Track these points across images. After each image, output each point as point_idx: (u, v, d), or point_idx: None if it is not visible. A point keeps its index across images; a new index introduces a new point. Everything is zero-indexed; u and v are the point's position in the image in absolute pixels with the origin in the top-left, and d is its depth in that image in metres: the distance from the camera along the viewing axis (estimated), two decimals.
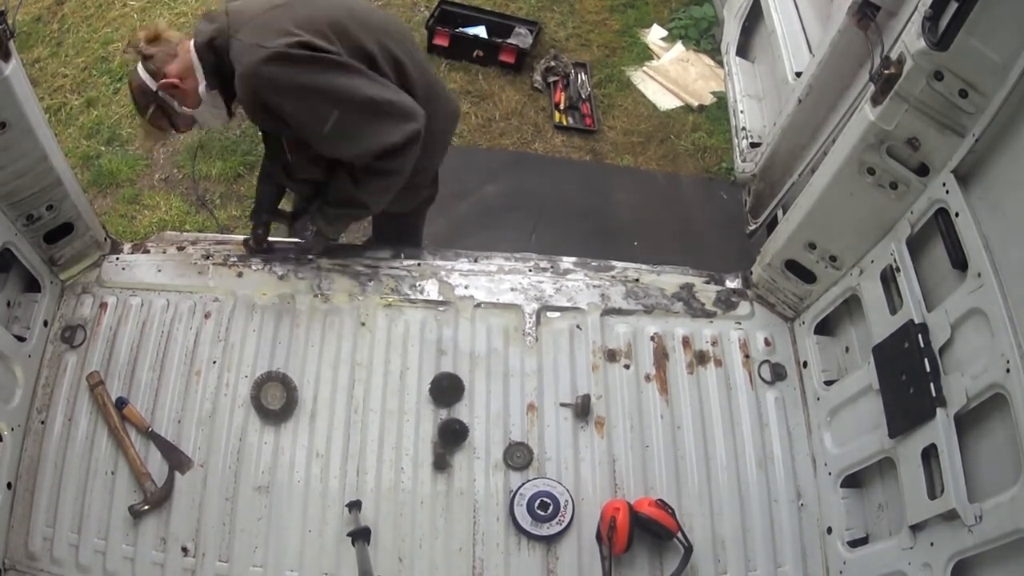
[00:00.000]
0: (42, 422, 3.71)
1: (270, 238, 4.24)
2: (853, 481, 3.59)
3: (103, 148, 6.44)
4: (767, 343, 4.04)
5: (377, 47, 3.59)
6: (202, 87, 3.58)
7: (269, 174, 4.16)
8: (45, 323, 3.86)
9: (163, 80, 3.54)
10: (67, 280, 4.03)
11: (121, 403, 3.71)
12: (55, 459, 3.64)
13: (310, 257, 4.16)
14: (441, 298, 4.09)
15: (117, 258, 4.13)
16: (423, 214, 4.58)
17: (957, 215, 2.99)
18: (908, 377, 3.13)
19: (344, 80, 3.44)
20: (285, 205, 4.42)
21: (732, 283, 4.24)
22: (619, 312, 4.11)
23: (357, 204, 3.85)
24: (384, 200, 3.86)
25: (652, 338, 4.04)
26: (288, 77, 3.37)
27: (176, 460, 3.64)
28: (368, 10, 3.87)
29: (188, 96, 3.61)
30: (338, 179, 3.81)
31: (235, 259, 4.13)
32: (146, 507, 3.54)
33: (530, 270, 4.23)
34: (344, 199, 3.84)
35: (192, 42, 3.56)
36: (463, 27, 7.45)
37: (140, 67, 3.59)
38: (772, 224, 4.38)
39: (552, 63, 7.29)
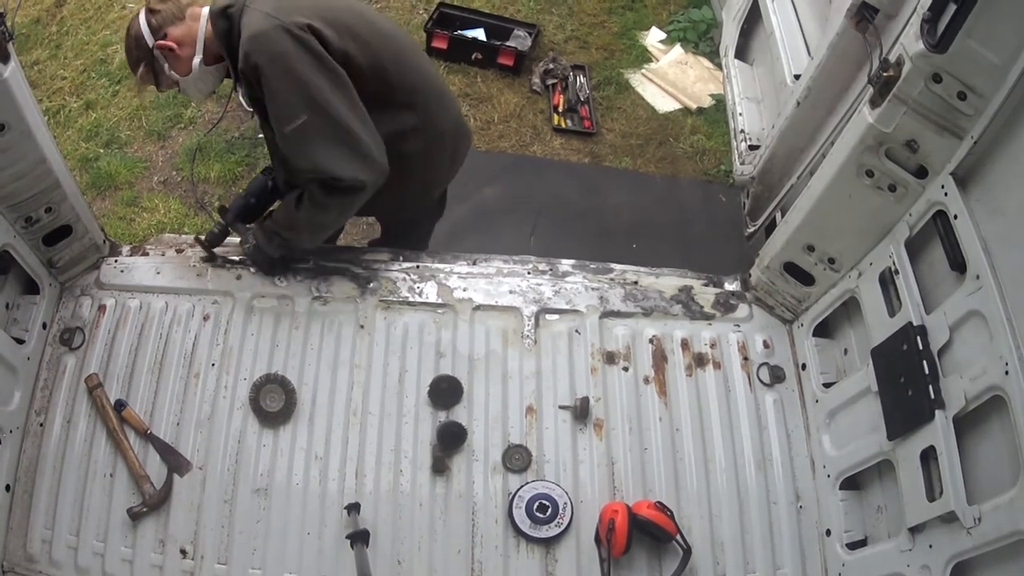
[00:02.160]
0: (41, 424, 3.70)
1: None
2: (852, 483, 3.58)
3: (102, 150, 6.44)
4: (766, 345, 4.04)
5: (387, 59, 3.64)
6: (197, 59, 3.64)
7: (266, 180, 4.13)
8: (44, 325, 3.86)
9: (160, 41, 3.59)
10: (66, 282, 4.02)
11: (120, 405, 3.71)
12: (54, 461, 3.63)
13: (309, 259, 4.15)
14: (440, 300, 4.09)
15: (116, 260, 4.13)
16: (431, 229, 4.60)
17: (956, 217, 2.99)
18: (907, 379, 3.13)
19: (330, 91, 3.45)
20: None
21: (731, 285, 4.24)
22: (618, 314, 4.11)
23: (293, 228, 3.83)
24: (317, 237, 3.94)
25: (651, 340, 4.04)
26: (285, 52, 3.38)
27: (175, 462, 3.63)
28: (380, 20, 3.89)
29: (181, 63, 3.66)
30: (286, 200, 3.84)
31: (235, 261, 4.13)
32: (145, 509, 3.53)
33: (529, 273, 4.23)
34: (283, 218, 3.86)
35: (205, 13, 3.60)
36: (462, 30, 7.46)
37: (142, 16, 3.61)
38: (771, 226, 4.39)
39: (551, 65, 7.30)
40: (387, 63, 3.65)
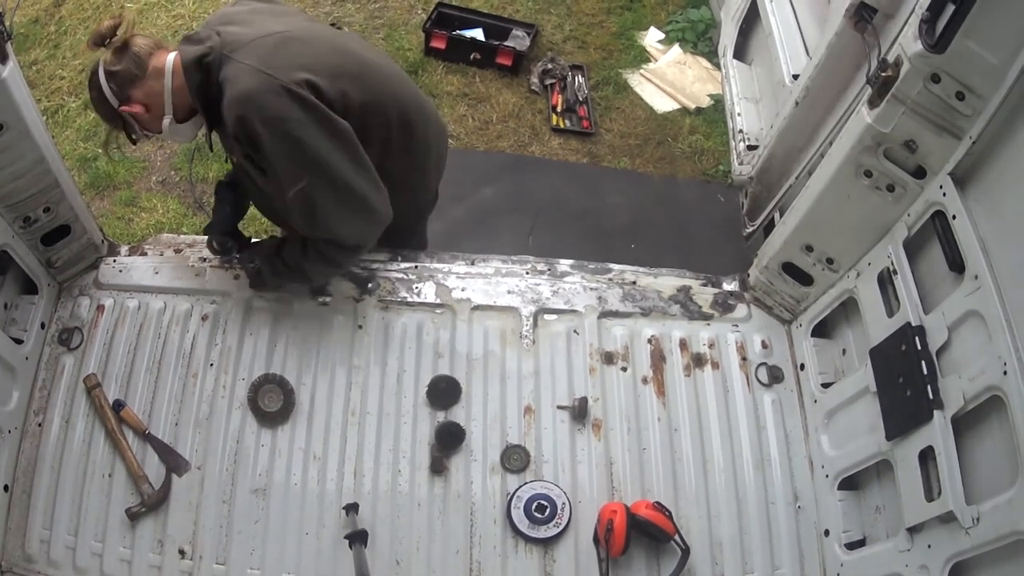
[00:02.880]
0: (39, 424, 3.71)
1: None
2: (850, 483, 3.58)
3: (100, 151, 6.39)
4: (764, 345, 4.04)
5: (376, 93, 3.47)
6: (167, 121, 3.42)
7: (232, 183, 4.01)
8: (42, 325, 3.86)
9: (124, 107, 3.34)
10: (64, 282, 4.03)
11: (118, 405, 3.71)
12: (52, 461, 3.63)
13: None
14: (438, 301, 4.09)
15: (114, 260, 4.12)
16: (424, 224, 4.57)
17: (954, 217, 2.99)
18: (905, 379, 3.13)
19: (330, 150, 3.28)
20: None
21: (729, 286, 4.23)
22: (616, 314, 4.11)
23: (299, 271, 3.76)
24: (327, 278, 3.94)
25: (649, 340, 4.04)
26: (283, 114, 3.18)
27: (173, 462, 3.64)
28: (362, 49, 3.73)
29: (151, 122, 3.42)
30: (293, 242, 3.74)
31: (233, 261, 4.12)
32: (143, 509, 3.53)
33: (527, 273, 4.23)
34: (290, 262, 3.76)
35: (169, 64, 3.33)
36: (460, 29, 7.45)
37: (102, 76, 3.33)
38: (769, 227, 4.40)
39: (549, 65, 7.30)
40: (380, 94, 3.50)
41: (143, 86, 3.34)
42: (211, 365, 3.85)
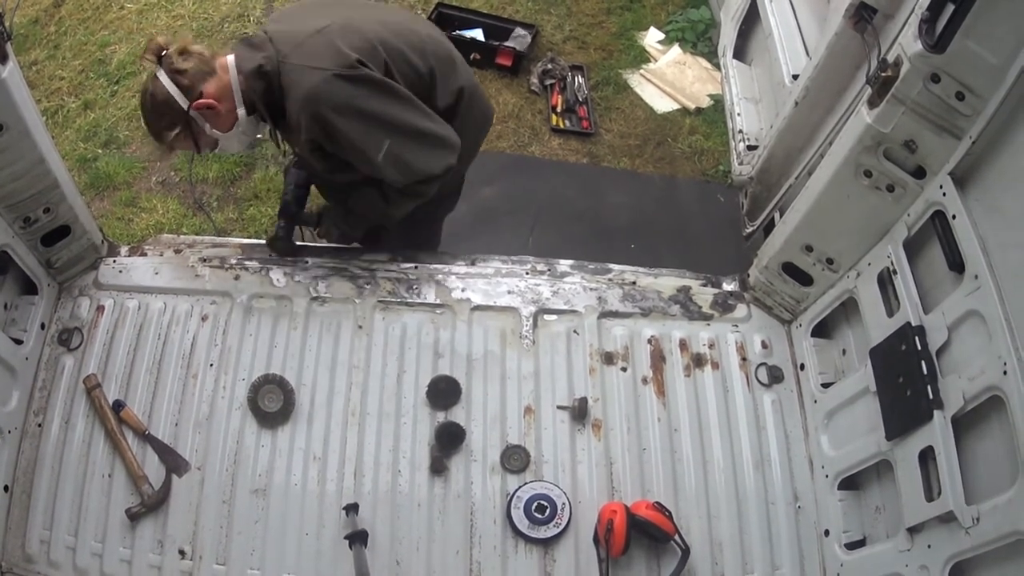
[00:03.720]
0: (39, 425, 3.70)
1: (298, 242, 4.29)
2: (850, 483, 3.58)
3: (100, 151, 6.43)
4: (764, 346, 4.04)
5: (421, 63, 3.63)
6: (241, 111, 3.55)
7: (298, 164, 4.18)
8: (42, 326, 3.86)
9: (198, 100, 3.45)
10: (64, 283, 4.02)
11: (118, 406, 3.71)
12: (52, 462, 3.63)
13: (307, 260, 4.16)
14: (438, 301, 4.09)
15: (114, 261, 4.13)
16: (442, 219, 4.61)
17: (954, 217, 2.99)
18: (905, 379, 3.13)
19: (398, 108, 3.48)
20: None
21: (729, 286, 4.24)
22: (616, 315, 4.11)
23: (383, 215, 3.92)
24: (406, 212, 3.92)
25: (649, 341, 4.04)
26: (349, 97, 3.38)
27: (173, 463, 3.64)
28: (403, 22, 3.85)
29: (221, 119, 3.55)
30: (365, 192, 3.86)
31: (233, 262, 4.13)
32: (143, 510, 3.53)
33: (527, 273, 4.24)
34: (370, 210, 3.91)
35: (232, 63, 3.49)
36: (460, 29, 7.44)
37: (164, 79, 3.44)
38: (769, 227, 4.39)
39: (549, 66, 7.29)
40: (425, 61, 3.65)
41: (215, 80, 3.49)
42: (211, 365, 3.86)
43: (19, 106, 3.29)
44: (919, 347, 3.10)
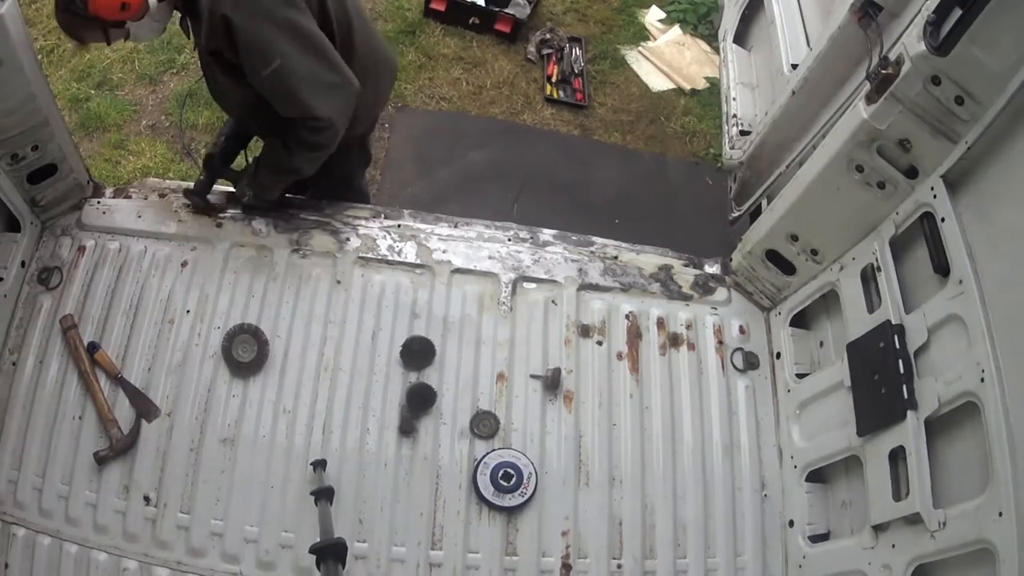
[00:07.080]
0: (13, 363, 3.69)
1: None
2: (818, 476, 3.61)
3: (92, 91, 6.39)
4: (742, 331, 4.05)
5: (333, 3, 3.58)
6: (152, 1, 3.39)
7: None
8: (23, 264, 3.84)
9: None
10: (47, 221, 4.00)
11: (93, 347, 3.69)
12: (24, 401, 3.62)
13: (290, 211, 4.14)
14: (419, 261, 4.08)
15: (99, 202, 4.10)
16: (359, 178, 4.59)
17: (943, 220, 3.00)
18: (881, 377, 3.15)
19: (302, 19, 3.40)
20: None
21: (711, 268, 4.24)
22: (596, 288, 4.12)
23: (290, 169, 3.83)
24: (315, 165, 3.83)
25: (627, 316, 4.05)
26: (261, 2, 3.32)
27: (143, 408, 3.62)
28: None
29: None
30: (271, 145, 3.81)
31: (216, 209, 4.11)
32: (111, 453, 3.52)
33: (509, 239, 4.23)
34: (276, 165, 3.84)
35: None
36: None
37: None
38: (756, 213, 4.40)
39: (547, 36, 7.26)
40: (332, 12, 3.60)
41: None
42: (188, 312, 3.84)
43: (16, 43, 3.26)
44: (897, 346, 3.11)
